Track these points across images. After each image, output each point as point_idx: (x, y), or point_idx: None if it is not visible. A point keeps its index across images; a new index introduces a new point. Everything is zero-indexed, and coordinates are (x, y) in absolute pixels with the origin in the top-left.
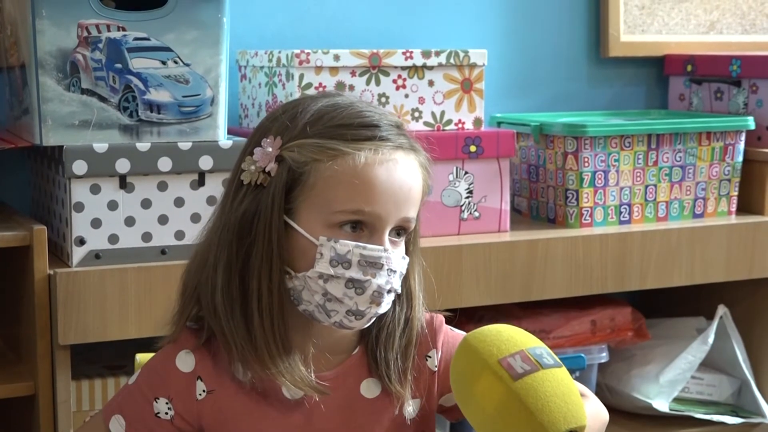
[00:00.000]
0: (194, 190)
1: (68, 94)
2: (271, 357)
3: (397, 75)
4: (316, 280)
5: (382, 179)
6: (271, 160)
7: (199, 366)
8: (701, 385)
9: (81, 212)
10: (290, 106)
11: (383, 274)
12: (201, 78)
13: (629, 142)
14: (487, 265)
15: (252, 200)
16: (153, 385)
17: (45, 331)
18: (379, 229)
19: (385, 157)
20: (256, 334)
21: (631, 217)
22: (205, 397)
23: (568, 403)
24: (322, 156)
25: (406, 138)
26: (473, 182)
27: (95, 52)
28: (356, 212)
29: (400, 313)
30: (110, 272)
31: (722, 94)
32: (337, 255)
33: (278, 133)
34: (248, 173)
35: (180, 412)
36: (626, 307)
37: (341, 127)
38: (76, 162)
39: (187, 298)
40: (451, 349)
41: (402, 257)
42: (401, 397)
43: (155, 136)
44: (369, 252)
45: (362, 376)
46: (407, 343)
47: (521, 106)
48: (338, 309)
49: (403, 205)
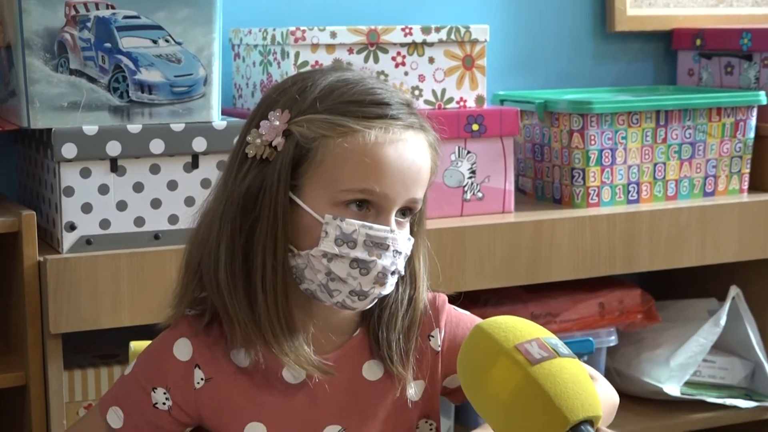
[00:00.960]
0: (188, 172)
1: (56, 75)
2: (275, 335)
3: (396, 52)
4: (320, 258)
5: (391, 159)
6: (278, 134)
7: (196, 353)
8: (713, 369)
9: (71, 197)
10: (299, 78)
11: (389, 255)
12: (193, 57)
13: (637, 119)
14: (491, 247)
15: (257, 175)
16: (150, 375)
17: (35, 320)
18: (386, 210)
19: (395, 137)
20: (259, 312)
21: (640, 197)
22: (204, 385)
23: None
24: (331, 132)
25: (416, 117)
26: (476, 162)
27: (84, 32)
28: (364, 191)
29: (404, 293)
30: (102, 258)
31: (733, 68)
32: (342, 234)
33: (286, 107)
34: (253, 146)
35: (178, 402)
36: (635, 289)
37: (352, 104)
38: (65, 145)
39: (190, 275)
40: (455, 328)
41: (407, 238)
42: (403, 379)
43: (147, 118)
44: (375, 232)
45: (364, 358)
46: (410, 324)
47: (525, 83)
48: (341, 289)
49: (411, 186)
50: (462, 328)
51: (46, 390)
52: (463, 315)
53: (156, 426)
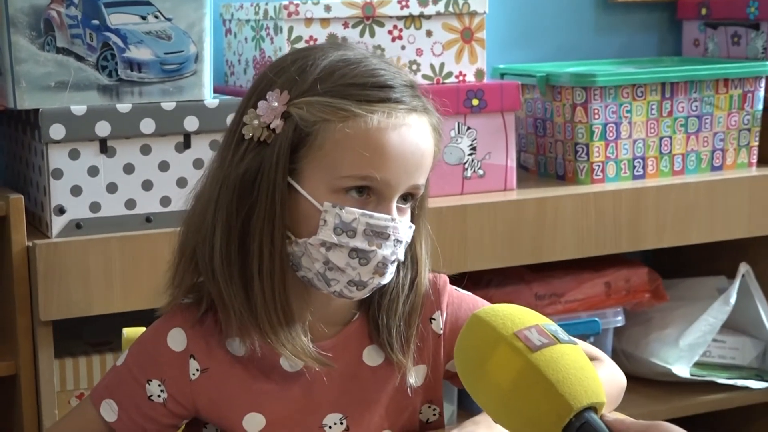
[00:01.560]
0: (179, 153)
1: (43, 54)
2: (271, 325)
3: (393, 25)
4: (318, 247)
5: (394, 145)
6: (276, 116)
7: (191, 343)
8: (723, 349)
9: (60, 179)
10: (298, 56)
11: (389, 245)
12: (184, 33)
13: (641, 92)
14: (493, 225)
15: (254, 157)
16: (144, 367)
17: (25, 307)
18: (388, 197)
19: (398, 122)
20: (256, 300)
21: (646, 172)
22: (199, 376)
23: (588, 378)
24: (332, 116)
25: (420, 99)
26: (476, 138)
27: (70, 8)
28: (365, 178)
29: (405, 278)
30: (92, 242)
31: (739, 38)
32: (341, 223)
33: (285, 87)
34: (251, 127)
35: (173, 394)
36: (642, 267)
37: (353, 86)
38: (53, 126)
39: (186, 261)
40: (456, 310)
41: (409, 226)
42: (403, 367)
43: (136, 97)
44: (376, 221)
45: (363, 344)
46: (411, 310)
47: (526, 56)
48: (339, 278)
49: (414, 172)
50: (464, 310)
51: (36, 379)
52: (465, 296)
53: (151, 419)
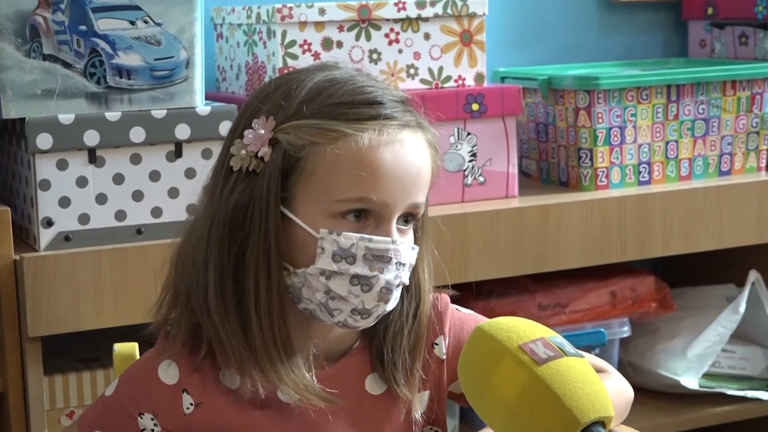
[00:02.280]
0: (171, 162)
1: (29, 61)
2: (272, 362)
3: (389, 28)
4: (318, 277)
5: (388, 162)
6: (263, 143)
7: (183, 377)
8: (733, 359)
9: (47, 191)
10: (282, 81)
11: (392, 269)
12: (174, 38)
13: (646, 95)
14: (495, 234)
15: (244, 189)
16: (135, 400)
17: (12, 323)
18: (386, 218)
19: (390, 138)
20: (254, 338)
21: (651, 177)
22: (194, 410)
23: (595, 391)
24: (321, 138)
25: (412, 114)
26: (477, 144)
27: (57, 14)
28: (361, 200)
29: (408, 307)
30: (82, 255)
31: (747, 38)
32: (340, 249)
33: (271, 113)
34: (238, 158)
35: (167, 428)
36: (649, 275)
37: (341, 105)
38: (40, 135)
39: (182, 304)
40: (459, 332)
41: (411, 248)
42: (408, 400)
43: (126, 105)
44: (375, 245)
45: (365, 372)
46: (416, 342)
47: (527, 58)
48: (342, 308)
49: (411, 191)
50: (466, 331)
51: (25, 397)
52: (467, 316)
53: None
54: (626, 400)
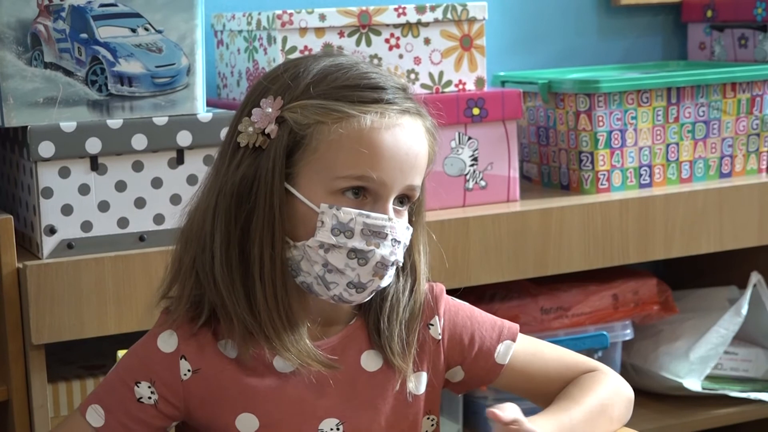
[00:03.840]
0: (173, 169)
1: (30, 69)
2: (275, 329)
3: (390, 34)
4: (317, 249)
5: (388, 144)
6: (271, 121)
7: (182, 344)
8: (735, 361)
9: (50, 198)
10: (291, 65)
11: (387, 245)
12: (175, 45)
13: (647, 98)
14: (497, 238)
15: (251, 164)
16: (132, 369)
17: (16, 331)
18: (384, 197)
19: (391, 122)
20: (259, 306)
21: (653, 180)
22: (191, 377)
23: None
24: (326, 118)
25: (412, 102)
26: (478, 148)
27: (58, 22)
28: (360, 178)
29: (404, 284)
30: (85, 263)
31: (747, 40)
32: (339, 223)
33: (279, 93)
34: (246, 135)
35: (164, 395)
36: (651, 278)
37: (346, 89)
38: (42, 143)
39: (186, 274)
40: (454, 316)
41: (406, 227)
42: (403, 372)
43: (127, 112)
44: (373, 221)
45: (362, 348)
46: (411, 316)
47: (527, 62)
48: (339, 281)
49: (409, 173)
50: (461, 317)
51: (29, 404)
52: (461, 304)
53: (141, 421)
54: (626, 400)
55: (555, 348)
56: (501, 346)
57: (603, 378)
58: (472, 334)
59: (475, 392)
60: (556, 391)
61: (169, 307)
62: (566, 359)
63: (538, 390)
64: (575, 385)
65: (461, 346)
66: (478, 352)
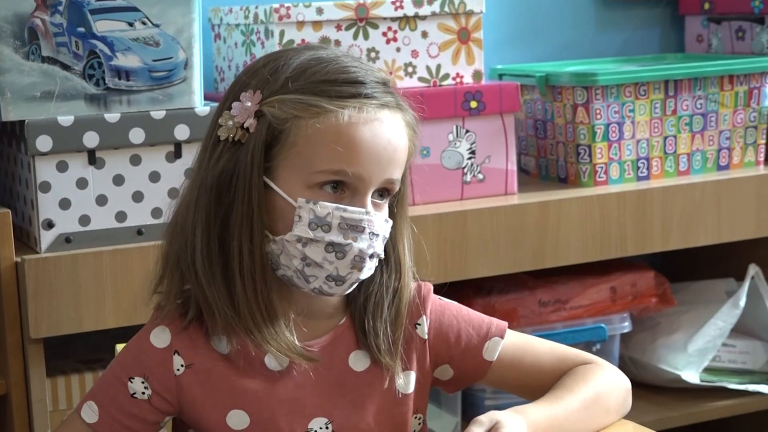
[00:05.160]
0: (170, 162)
1: (27, 64)
2: (255, 323)
3: (387, 27)
4: (295, 243)
5: (366, 139)
6: (250, 115)
7: (175, 340)
8: (734, 353)
9: (47, 192)
10: (271, 58)
11: (365, 238)
12: (172, 39)
13: (644, 90)
14: (495, 231)
15: (230, 158)
16: (126, 365)
17: (14, 325)
18: (362, 191)
19: (369, 116)
20: (239, 299)
21: (650, 173)
22: (184, 371)
23: None
24: (303, 113)
25: (392, 96)
26: (475, 141)
27: (55, 16)
28: (338, 172)
29: (389, 281)
30: (83, 257)
31: (744, 33)
32: (316, 217)
33: (258, 87)
34: (225, 129)
35: (157, 390)
36: (648, 271)
37: (324, 83)
38: (39, 137)
39: (171, 267)
40: (440, 316)
41: (385, 220)
42: (391, 369)
43: (125, 106)
44: (350, 215)
45: (350, 348)
46: (396, 314)
47: (524, 55)
48: (318, 274)
49: (387, 167)
50: (447, 316)
51: (28, 399)
52: (448, 303)
53: (135, 416)
54: (623, 391)
55: (546, 342)
56: (489, 342)
57: (597, 369)
58: (459, 331)
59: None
60: (550, 385)
61: (160, 303)
62: (559, 353)
63: (532, 385)
64: (569, 375)
65: (447, 344)
66: (465, 350)
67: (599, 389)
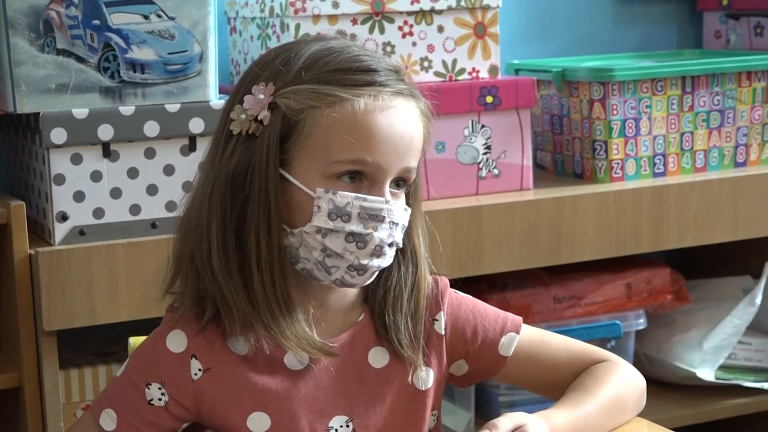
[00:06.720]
0: (185, 156)
1: (43, 56)
2: (274, 318)
3: (403, 21)
4: (314, 235)
5: (383, 127)
6: (263, 107)
7: (192, 344)
8: (749, 351)
9: (62, 185)
10: (282, 50)
11: (385, 227)
12: (187, 32)
13: (661, 86)
14: (510, 227)
15: (244, 152)
16: (142, 371)
17: (28, 317)
18: (380, 180)
19: (385, 104)
20: (256, 295)
21: (667, 169)
22: (202, 376)
23: None
24: (318, 102)
25: (405, 84)
26: (491, 137)
27: (70, 8)
28: (356, 162)
29: (406, 273)
30: (96, 249)
31: (762, 29)
32: (335, 207)
33: (270, 79)
34: (238, 122)
35: (174, 396)
36: (664, 268)
37: (338, 72)
38: (54, 130)
39: (186, 265)
40: (456, 311)
41: (404, 209)
42: (414, 363)
43: (140, 99)
44: (369, 204)
45: (370, 345)
46: (416, 306)
47: (541, 50)
48: (339, 265)
49: (404, 155)
50: (463, 311)
51: (41, 391)
52: (465, 298)
53: (152, 423)
54: (639, 389)
55: (562, 338)
56: (504, 338)
57: (616, 369)
58: (475, 326)
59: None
60: (565, 381)
61: (174, 304)
62: (575, 349)
63: (547, 381)
64: (589, 375)
65: (464, 339)
66: (482, 345)
67: (618, 390)
